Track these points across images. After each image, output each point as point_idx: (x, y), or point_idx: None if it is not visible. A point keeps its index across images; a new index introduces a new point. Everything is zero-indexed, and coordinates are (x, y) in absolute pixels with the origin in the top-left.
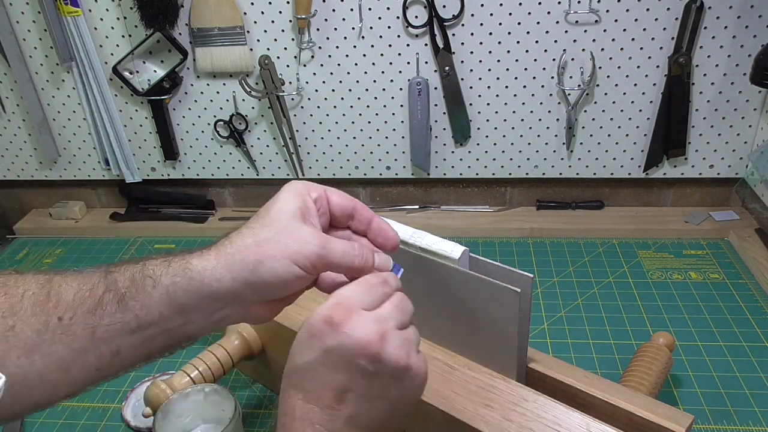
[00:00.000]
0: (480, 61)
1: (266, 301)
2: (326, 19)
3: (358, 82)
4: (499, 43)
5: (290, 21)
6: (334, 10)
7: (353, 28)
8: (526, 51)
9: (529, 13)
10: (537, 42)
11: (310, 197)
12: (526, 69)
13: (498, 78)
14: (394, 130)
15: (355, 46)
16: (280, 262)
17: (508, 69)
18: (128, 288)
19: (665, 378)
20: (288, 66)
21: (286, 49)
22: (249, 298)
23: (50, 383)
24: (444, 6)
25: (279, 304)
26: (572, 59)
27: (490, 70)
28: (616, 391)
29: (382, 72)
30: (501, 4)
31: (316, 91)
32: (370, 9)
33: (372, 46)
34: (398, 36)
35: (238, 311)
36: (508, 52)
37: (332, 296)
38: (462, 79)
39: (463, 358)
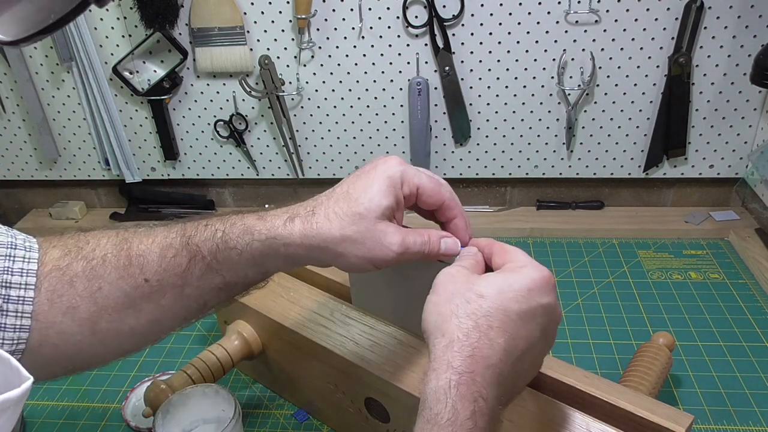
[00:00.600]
0: (480, 61)
1: None
2: (326, 19)
3: (358, 82)
4: (499, 43)
5: (290, 21)
6: (334, 10)
7: (353, 28)
8: (526, 51)
9: (529, 13)
10: (537, 42)
11: (402, 192)
12: (526, 69)
13: (498, 78)
14: (394, 130)
15: (355, 46)
16: (360, 260)
17: (508, 69)
18: (213, 257)
19: (665, 378)
20: (288, 66)
21: (286, 49)
22: (313, 264)
23: (141, 335)
24: (444, 6)
25: None
26: (572, 59)
27: (490, 70)
28: (616, 391)
29: (382, 72)
30: (501, 4)
31: (316, 91)
32: (370, 9)
33: (372, 46)
34: (398, 36)
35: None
36: (508, 52)
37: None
38: (462, 79)
39: None
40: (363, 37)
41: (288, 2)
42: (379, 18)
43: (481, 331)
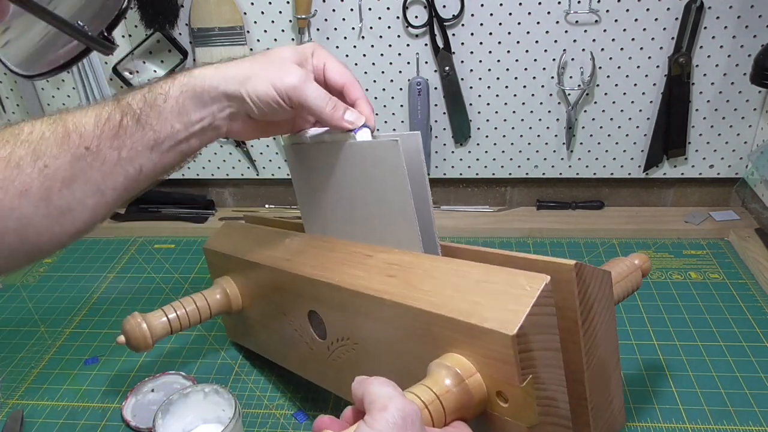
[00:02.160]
0: (480, 61)
1: (249, 120)
2: (326, 19)
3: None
4: (499, 43)
5: (290, 21)
6: (334, 10)
7: (353, 28)
8: (526, 51)
9: (529, 13)
10: (537, 42)
11: (312, 61)
12: (526, 69)
13: (498, 78)
14: (394, 130)
15: (355, 46)
16: (263, 82)
17: (508, 69)
18: (142, 108)
19: (625, 295)
20: None
21: None
22: (236, 109)
23: (89, 209)
24: (444, 6)
25: (259, 128)
26: (572, 59)
27: (490, 70)
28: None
29: (382, 72)
30: (501, 4)
31: None
32: (370, 9)
33: (372, 46)
34: (398, 36)
35: (227, 123)
36: (508, 52)
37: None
38: (462, 79)
39: (380, 246)
40: (363, 37)
41: (288, 2)
42: (379, 18)
43: None
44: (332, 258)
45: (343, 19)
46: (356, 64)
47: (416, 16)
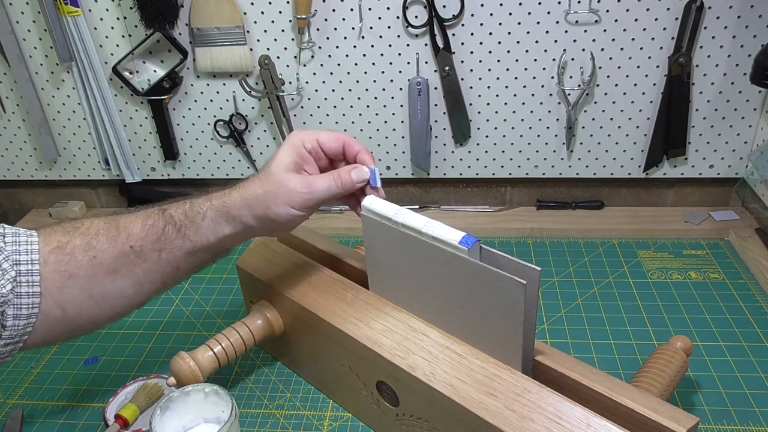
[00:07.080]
0: (480, 61)
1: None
2: (326, 19)
3: (358, 82)
4: (499, 43)
5: (290, 21)
6: (334, 10)
7: (353, 28)
8: (526, 51)
9: (529, 13)
10: (537, 42)
11: (305, 149)
12: (526, 69)
13: (498, 78)
14: (394, 130)
15: (355, 46)
16: (282, 208)
17: (508, 69)
18: (183, 221)
19: (679, 381)
20: (288, 66)
21: (286, 49)
22: (264, 230)
23: (127, 297)
24: (444, 6)
25: (288, 231)
26: (572, 59)
27: (490, 70)
28: (621, 388)
29: (382, 72)
30: (501, 4)
31: (316, 91)
32: (370, 9)
33: (372, 46)
34: (398, 36)
35: (256, 234)
36: (508, 52)
37: None
38: (462, 79)
39: (472, 347)
40: (363, 37)
41: (288, 2)
42: (379, 18)
43: None
44: (415, 343)
45: (343, 19)
46: (356, 64)
47: (416, 16)
